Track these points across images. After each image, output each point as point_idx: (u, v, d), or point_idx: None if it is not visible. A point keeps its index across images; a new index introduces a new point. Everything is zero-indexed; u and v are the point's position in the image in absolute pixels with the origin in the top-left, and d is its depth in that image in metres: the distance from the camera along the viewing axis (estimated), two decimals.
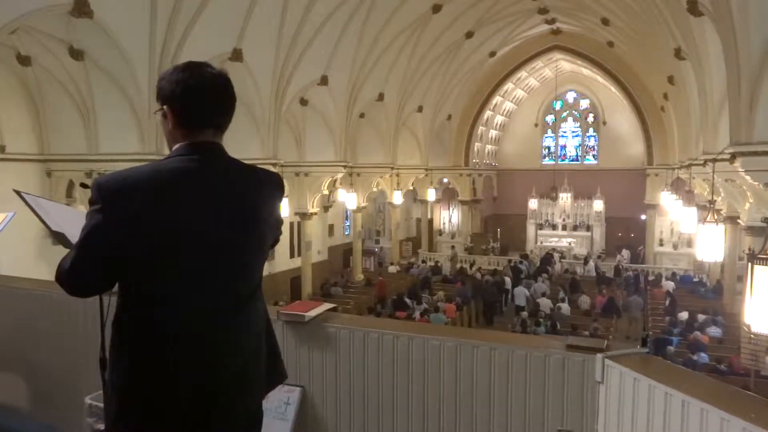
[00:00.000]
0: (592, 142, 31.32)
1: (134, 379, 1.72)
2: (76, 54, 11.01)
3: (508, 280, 19.78)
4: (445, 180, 29.19)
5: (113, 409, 1.77)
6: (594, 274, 22.46)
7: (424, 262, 25.06)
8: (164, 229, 1.69)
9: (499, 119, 31.01)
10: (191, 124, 1.81)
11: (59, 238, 2.07)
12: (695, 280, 20.93)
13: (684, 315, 15.26)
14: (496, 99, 28.87)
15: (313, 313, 3.09)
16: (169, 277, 1.72)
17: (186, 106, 1.80)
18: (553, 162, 31.58)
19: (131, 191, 1.67)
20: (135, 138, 11.58)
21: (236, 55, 12.90)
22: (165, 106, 1.81)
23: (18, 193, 2.20)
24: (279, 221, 2.06)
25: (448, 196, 30.00)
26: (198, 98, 1.80)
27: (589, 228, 28.91)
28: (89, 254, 1.69)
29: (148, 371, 1.71)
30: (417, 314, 15.36)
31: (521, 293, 17.92)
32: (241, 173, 1.90)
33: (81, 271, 1.71)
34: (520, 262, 22.33)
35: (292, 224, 20.10)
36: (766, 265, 3.65)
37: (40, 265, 11.60)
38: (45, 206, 2.24)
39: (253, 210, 1.87)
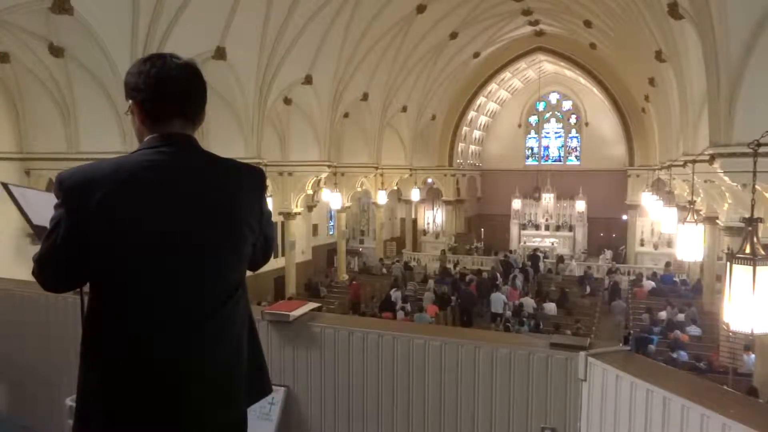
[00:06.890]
0: (574, 143, 31.62)
1: (103, 381, 1.65)
2: (56, 51, 10.83)
3: (499, 276, 19.59)
4: (430, 180, 29.25)
5: (78, 409, 1.70)
6: (576, 273, 22.71)
7: (397, 261, 24.77)
8: (125, 226, 1.62)
9: (482, 120, 31.15)
10: (155, 114, 1.74)
11: (42, 232, 1.97)
12: (675, 279, 21.21)
13: (664, 314, 15.47)
14: (480, 99, 29.01)
15: (297, 312, 3.08)
16: (133, 276, 1.65)
17: (148, 96, 1.72)
18: (536, 163, 31.82)
19: (91, 187, 1.61)
20: (116, 136, 11.37)
21: (220, 54, 12.78)
22: (130, 101, 1.75)
23: (5, 185, 2.05)
24: (266, 217, 1.94)
25: (432, 196, 30.07)
26: (159, 87, 1.72)
27: (571, 228, 29.19)
28: (53, 250, 1.64)
29: (118, 373, 1.64)
30: (402, 314, 15.38)
31: (498, 299, 17.02)
32: (214, 167, 1.80)
33: (47, 267, 1.68)
34: (508, 257, 22.37)
35: (275, 224, 19.96)
36: (744, 264, 3.71)
37: (19, 265, 11.38)
38: (32, 199, 2.10)
39: (227, 206, 1.76)
